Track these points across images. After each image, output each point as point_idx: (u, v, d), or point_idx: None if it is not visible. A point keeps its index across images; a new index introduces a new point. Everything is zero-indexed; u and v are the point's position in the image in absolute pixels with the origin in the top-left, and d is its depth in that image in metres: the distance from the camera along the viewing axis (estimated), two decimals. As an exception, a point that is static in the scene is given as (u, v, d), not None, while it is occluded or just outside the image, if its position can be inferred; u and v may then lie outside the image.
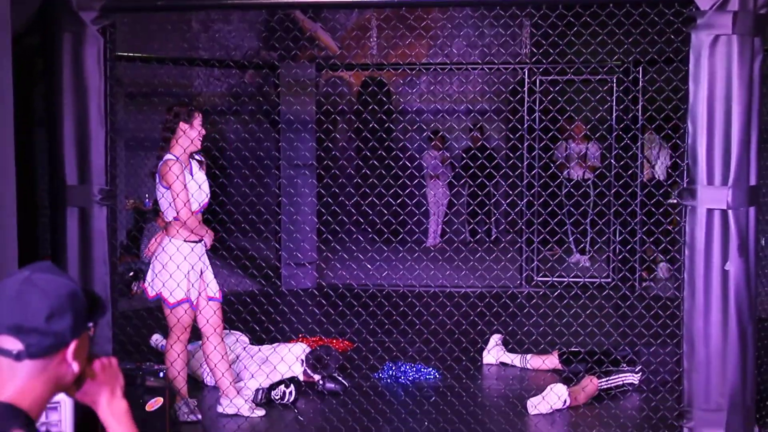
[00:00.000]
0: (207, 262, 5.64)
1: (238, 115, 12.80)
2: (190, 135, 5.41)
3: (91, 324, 2.08)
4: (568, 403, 5.81)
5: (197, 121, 5.45)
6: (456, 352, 6.44)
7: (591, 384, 6.01)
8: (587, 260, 10.75)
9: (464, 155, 11.95)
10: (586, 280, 9.57)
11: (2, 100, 4.52)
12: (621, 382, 6.16)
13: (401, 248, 9.23)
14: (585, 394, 5.94)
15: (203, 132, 5.47)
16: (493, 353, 6.90)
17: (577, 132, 10.85)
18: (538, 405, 5.75)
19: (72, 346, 2.01)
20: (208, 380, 6.22)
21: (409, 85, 13.57)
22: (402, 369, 6.57)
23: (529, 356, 6.83)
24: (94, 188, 4.83)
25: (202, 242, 5.56)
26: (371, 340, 6.75)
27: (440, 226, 12.90)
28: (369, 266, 8.46)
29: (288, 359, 6.21)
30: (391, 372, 6.53)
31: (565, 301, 6.45)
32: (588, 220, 9.67)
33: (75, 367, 2.04)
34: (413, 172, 11.14)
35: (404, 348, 6.89)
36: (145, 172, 8.82)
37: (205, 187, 5.56)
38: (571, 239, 11.02)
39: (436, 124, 12.93)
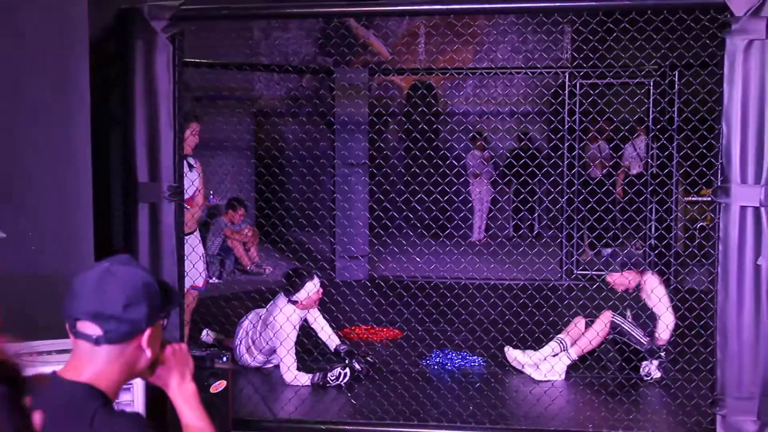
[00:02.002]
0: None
1: (296, 117, 12.87)
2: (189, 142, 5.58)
3: (163, 314, 2.12)
4: (567, 345, 6.10)
5: (193, 127, 5.76)
6: (500, 341, 6.43)
7: (605, 313, 6.08)
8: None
9: (508, 155, 11.90)
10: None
11: (80, 102, 4.59)
12: (636, 336, 6.08)
13: (448, 242, 9.21)
14: (599, 322, 6.07)
15: (196, 140, 5.64)
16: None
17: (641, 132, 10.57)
18: (540, 368, 6.02)
19: (147, 333, 2.05)
20: (249, 361, 6.28)
21: (456, 89, 13.53)
22: (449, 356, 6.57)
23: (569, 343, 6.56)
24: (164, 185, 4.88)
25: (195, 233, 5.96)
26: (420, 328, 6.76)
27: (484, 222, 12.84)
28: (418, 259, 8.47)
29: (287, 327, 5.96)
30: (438, 359, 6.54)
31: (603, 294, 6.40)
32: (626, 216, 9.55)
33: (148, 353, 2.08)
34: (459, 171, 11.13)
35: (451, 336, 6.89)
36: (210, 170, 8.89)
37: (190, 189, 5.72)
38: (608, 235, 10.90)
39: (481, 125, 12.89)
